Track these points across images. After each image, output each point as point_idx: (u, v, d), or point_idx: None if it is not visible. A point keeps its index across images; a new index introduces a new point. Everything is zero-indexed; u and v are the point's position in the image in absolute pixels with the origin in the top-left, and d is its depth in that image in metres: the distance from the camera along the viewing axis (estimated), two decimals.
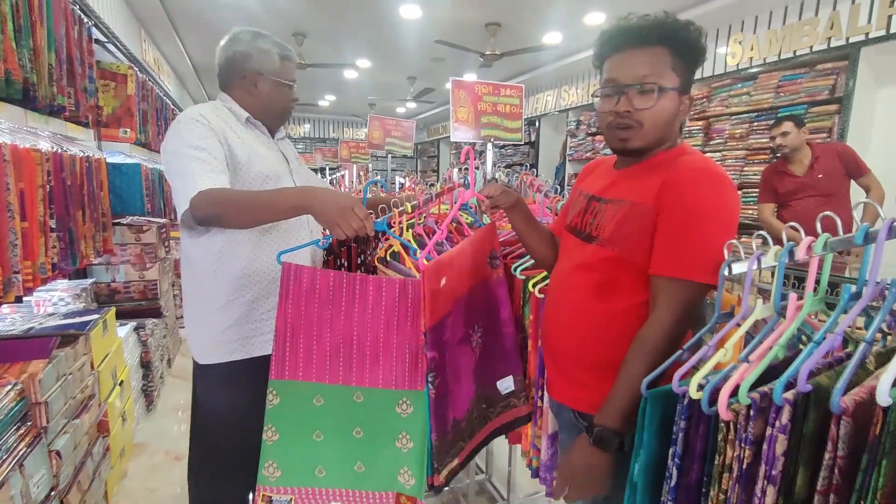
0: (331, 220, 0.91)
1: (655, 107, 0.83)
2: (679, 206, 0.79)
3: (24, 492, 1.13)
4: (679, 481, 0.66)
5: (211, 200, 1.01)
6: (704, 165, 0.83)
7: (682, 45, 0.83)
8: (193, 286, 1.23)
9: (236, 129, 1.21)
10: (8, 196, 1.43)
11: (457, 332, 1.01)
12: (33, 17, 1.66)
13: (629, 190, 0.88)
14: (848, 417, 0.48)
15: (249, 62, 1.24)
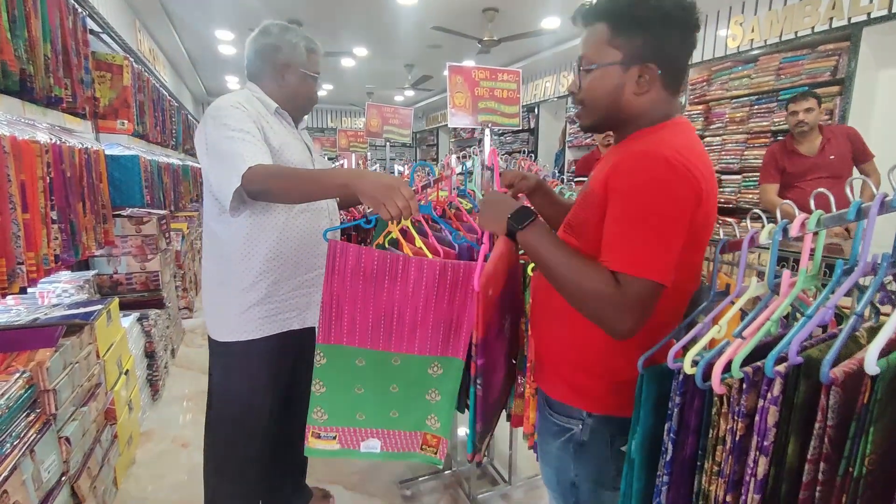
0: (377, 200, 0.91)
1: (585, 84, 0.84)
2: (617, 192, 0.75)
3: (35, 476, 1.15)
4: (674, 455, 0.68)
5: (265, 173, 1.06)
6: (654, 148, 0.74)
7: (618, 16, 0.80)
8: (220, 266, 1.28)
9: (268, 119, 1.27)
10: (9, 188, 1.44)
11: (496, 328, 1.06)
12: (27, 8, 1.65)
13: (595, 174, 0.86)
14: (837, 388, 0.50)
15: (279, 54, 1.29)
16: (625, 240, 0.72)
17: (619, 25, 0.79)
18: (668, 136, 0.80)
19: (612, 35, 0.80)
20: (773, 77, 3.60)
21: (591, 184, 0.84)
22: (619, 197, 0.74)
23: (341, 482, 1.91)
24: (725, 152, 3.99)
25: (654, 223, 0.71)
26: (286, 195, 1.10)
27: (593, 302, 0.73)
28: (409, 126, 3.58)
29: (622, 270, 0.71)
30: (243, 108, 1.19)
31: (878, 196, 0.57)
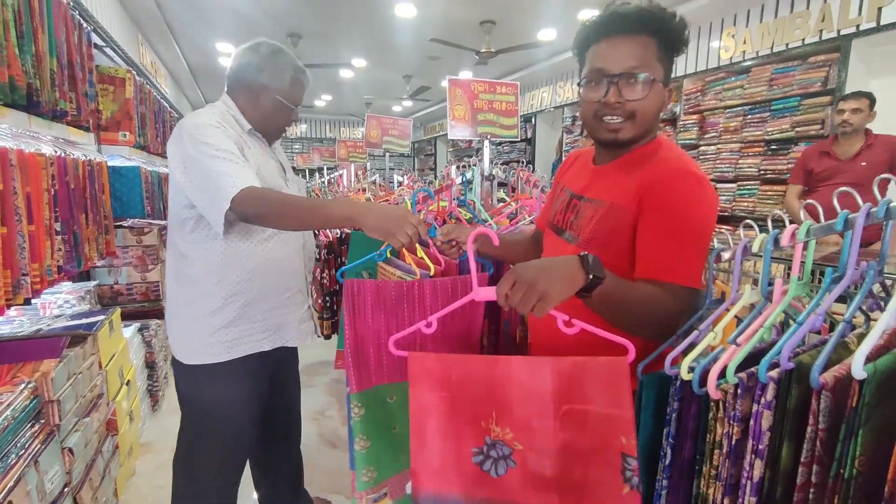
0: (387, 231, 0.91)
1: (647, 98, 0.81)
2: (662, 210, 0.78)
3: (39, 487, 1.16)
4: (673, 460, 0.70)
5: (260, 196, 1.03)
6: (683, 166, 0.81)
7: (668, 35, 0.81)
8: (187, 288, 1.22)
9: (244, 137, 1.23)
10: (15, 200, 1.46)
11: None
12: (35, 24, 1.68)
13: (607, 189, 0.87)
14: (828, 392, 0.52)
15: (260, 75, 1.23)
16: (675, 254, 0.78)
17: (665, 43, 0.81)
18: (680, 153, 0.87)
19: (659, 51, 0.81)
20: (766, 87, 3.66)
21: (611, 200, 0.85)
22: (663, 213, 0.79)
23: (342, 492, 1.91)
24: (720, 161, 4.04)
25: (695, 237, 0.79)
26: (282, 222, 1.06)
27: (658, 324, 0.77)
28: (408, 137, 3.63)
29: (675, 282, 0.77)
30: (224, 128, 1.15)
31: (864, 207, 0.60)
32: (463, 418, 0.76)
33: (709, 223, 0.80)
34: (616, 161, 0.90)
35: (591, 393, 0.70)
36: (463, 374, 0.76)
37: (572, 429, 0.71)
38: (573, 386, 0.71)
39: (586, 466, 0.70)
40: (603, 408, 0.69)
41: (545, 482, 0.72)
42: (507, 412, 0.74)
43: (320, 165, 6.60)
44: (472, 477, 0.75)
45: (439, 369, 0.76)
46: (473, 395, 0.75)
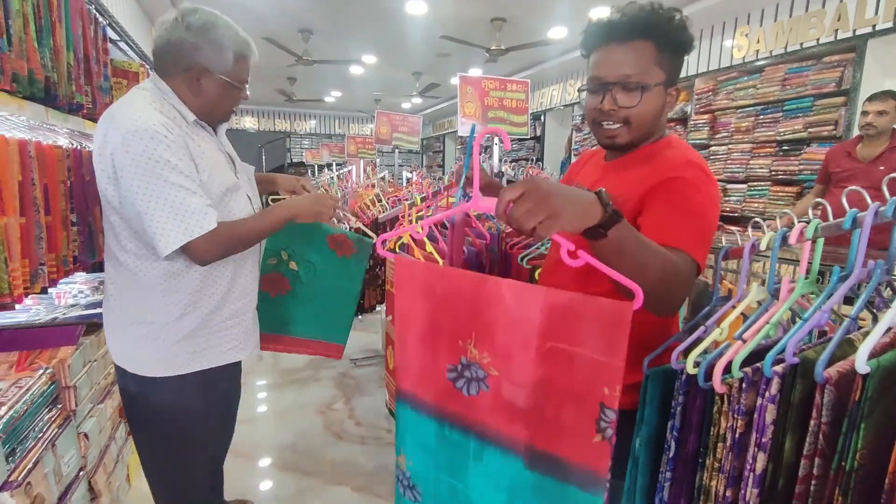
0: (316, 213, 1.12)
1: (640, 105, 0.83)
2: (672, 193, 0.79)
3: (56, 470, 1.19)
4: (677, 453, 0.71)
5: (217, 243, 1.02)
6: (689, 158, 0.83)
7: (667, 38, 0.81)
8: (137, 301, 1.09)
9: (189, 133, 1.08)
10: (34, 191, 1.49)
11: None
12: (53, 18, 1.71)
13: (614, 184, 0.88)
14: (832, 386, 0.53)
15: (196, 54, 1.06)
16: (679, 225, 0.76)
17: (665, 46, 0.81)
18: (690, 151, 0.88)
19: (658, 55, 0.81)
20: (779, 88, 3.62)
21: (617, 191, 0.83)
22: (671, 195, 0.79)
23: (348, 483, 1.94)
24: (731, 161, 4.01)
25: (698, 216, 0.79)
26: (239, 251, 1.12)
27: (674, 283, 0.71)
28: (417, 133, 3.64)
29: (685, 250, 0.73)
30: (170, 136, 0.99)
31: (872, 207, 0.60)
32: (441, 333, 0.76)
33: (711, 210, 0.80)
34: (625, 158, 0.92)
35: (584, 335, 0.63)
36: (448, 289, 0.74)
37: (554, 367, 0.67)
38: (566, 323, 0.65)
39: (560, 407, 0.68)
40: (593, 353, 0.63)
41: (515, 411, 0.71)
42: (487, 336, 0.72)
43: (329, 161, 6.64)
44: (445, 391, 0.77)
45: (424, 279, 0.76)
46: (455, 311, 0.74)
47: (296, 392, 2.75)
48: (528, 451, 0.71)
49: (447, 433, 0.79)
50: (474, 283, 0.72)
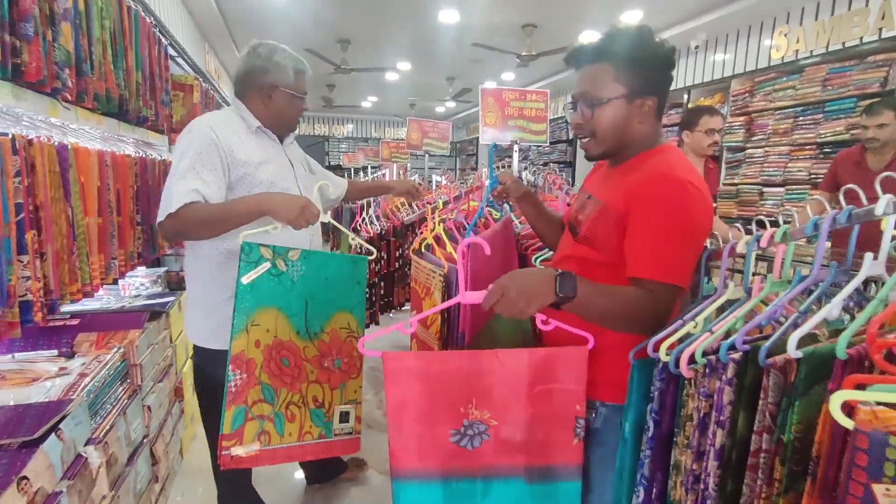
0: (288, 219, 1.12)
1: (597, 116, 0.92)
2: (642, 211, 0.86)
3: (126, 434, 1.39)
4: (655, 432, 0.79)
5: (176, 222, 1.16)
6: (668, 171, 0.88)
7: (622, 56, 0.90)
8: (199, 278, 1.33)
9: (244, 138, 1.32)
10: (109, 195, 1.72)
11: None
12: (126, 42, 1.95)
13: (607, 191, 0.97)
14: (777, 371, 0.61)
15: (266, 76, 1.34)
16: (655, 253, 0.86)
17: (623, 64, 0.90)
18: (672, 160, 0.93)
19: (616, 72, 0.91)
20: (820, 88, 3.52)
21: (605, 201, 0.95)
22: (645, 216, 0.87)
23: (376, 467, 2.08)
24: (767, 164, 3.92)
25: (678, 236, 0.86)
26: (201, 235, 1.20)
27: (638, 321, 0.85)
28: (447, 139, 3.77)
29: (653, 278, 0.85)
30: (213, 134, 1.24)
31: (830, 213, 0.68)
32: (440, 407, 0.89)
33: (691, 223, 0.86)
34: (620, 166, 0.99)
35: (558, 374, 0.90)
36: (443, 370, 0.89)
37: (541, 403, 0.90)
38: (545, 370, 0.89)
39: (548, 430, 0.90)
40: (567, 385, 0.90)
41: (514, 446, 0.90)
42: (486, 398, 0.89)
43: (365, 164, 6.88)
44: (449, 453, 0.90)
45: (418, 367, 0.89)
46: (453, 386, 0.88)
47: None
48: (526, 471, 0.91)
49: (454, 487, 0.91)
50: (469, 358, 0.90)
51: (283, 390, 1.19)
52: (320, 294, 1.25)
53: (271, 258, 1.17)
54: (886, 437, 0.39)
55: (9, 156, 1.12)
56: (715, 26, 4.29)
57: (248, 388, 1.13)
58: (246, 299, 1.13)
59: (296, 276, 1.21)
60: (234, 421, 1.11)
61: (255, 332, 1.15)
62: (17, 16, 1.20)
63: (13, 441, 0.94)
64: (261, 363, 1.15)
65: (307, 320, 1.23)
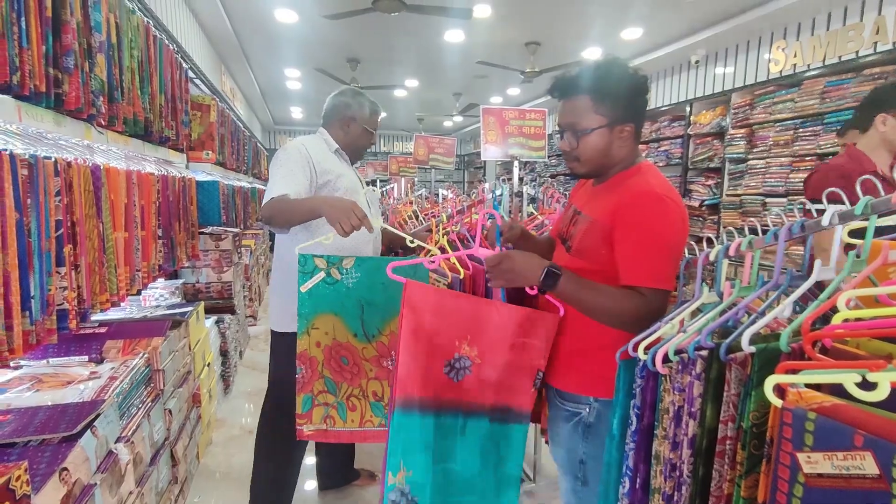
0: (335, 219, 1.19)
1: (582, 145, 1.03)
2: (627, 226, 0.96)
3: (149, 435, 1.48)
4: (637, 426, 0.86)
5: (268, 208, 1.40)
6: (646, 188, 0.99)
7: (600, 90, 1.00)
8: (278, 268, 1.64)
9: (327, 156, 1.64)
10: (134, 211, 1.84)
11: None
12: (151, 69, 2.09)
13: (594, 207, 1.06)
14: (737, 365, 0.68)
15: (349, 110, 1.70)
16: (643, 261, 0.97)
17: (599, 96, 1.00)
18: (650, 178, 1.04)
19: (595, 104, 1.01)
20: (818, 101, 3.59)
21: (594, 217, 1.05)
22: (630, 229, 0.98)
23: None
24: (769, 175, 3.97)
25: (661, 246, 0.96)
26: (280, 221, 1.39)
27: (627, 317, 0.95)
28: (452, 154, 3.89)
29: (644, 285, 0.96)
30: (304, 150, 1.56)
31: (787, 224, 0.75)
32: (442, 337, 1.06)
33: (672, 234, 0.96)
34: (603, 184, 1.09)
35: (534, 332, 1.09)
36: (454, 305, 1.07)
37: (515, 352, 1.09)
38: (527, 326, 1.09)
39: (514, 375, 1.08)
40: (537, 341, 1.10)
41: (487, 384, 1.09)
42: (480, 336, 1.08)
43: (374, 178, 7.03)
44: (442, 383, 1.07)
45: (435, 299, 1.06)
46: (458, 321, 1.07)
47: None
48: (491, 409, 1.10)
49: (443, 421, 1.08)
50: (474, 303, 1.09)
51: (344, 384, 1.33)
52: (377, 298, 1.34)
53: (325, 268, 1.29)
54: (805, 412, 0.47)
55: (51, 177, 1.24)
56: (715, 41, 4.39)
57: (312, 380, 1.30)
58: (305, 305, 1.28)
59: (350, 282, 1.32)
60: (304, 405, 1.30)
61: (316, 335, 1.30)
62: (60, 50, 1.33)
63: (55, 436, 1.04)
64: (322, 360, 1.31)
65: (364, 323, 1.34)
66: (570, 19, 4.17)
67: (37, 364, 1.47)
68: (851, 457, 0.43)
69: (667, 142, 5.17)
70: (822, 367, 0.50)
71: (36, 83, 1.20)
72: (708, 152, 4.66)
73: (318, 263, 1.29)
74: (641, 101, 1.03)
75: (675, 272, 0.98)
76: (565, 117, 1.05)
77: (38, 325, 1.21)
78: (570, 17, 4.11)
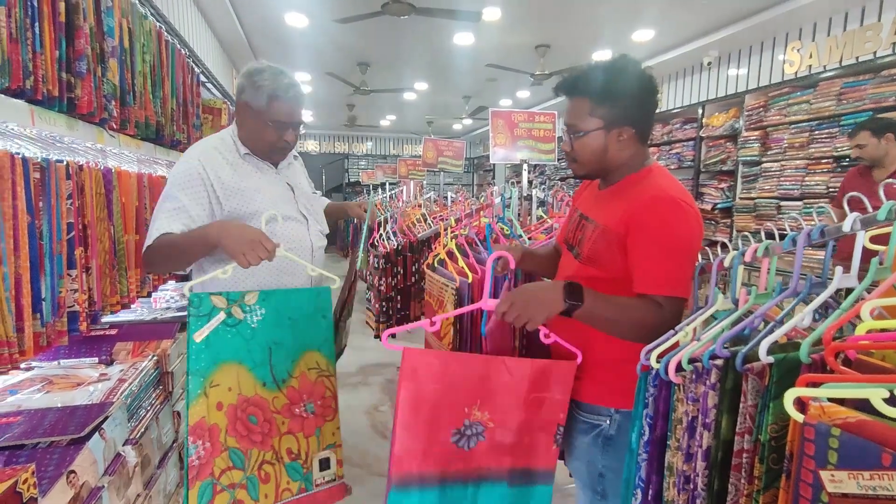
0: (238, 251, 1.00)
1: (576, 147, 1.01)
2: (643, 232, 0.94)
3: (157, 438, 1.48)
4: (650, 436, 0.84)
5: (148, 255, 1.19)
6: (662, 192, 0.95)
7: (596, 92, 0.98)
8: None
9: (235, 164, 1.25)
10: (145, 214, 1.85)
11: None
12: (163, 73, 2.11)
13: (602, 213, 1.03)
14: (754, 375, 0.66)
15: (242, 95, 1.25)
16: (658, 270, 0.94)
17: (597, 99, 0.98)
18: (662, 181, 1.01)
19: (592, 106, 0.99)
20: (834, 102, 3.52)
21: (604, 223, 1.02)
22: (645, 234, 0.95)
23: None
24: (784, 178, 3.90)
25: (676, 252, 0.93)
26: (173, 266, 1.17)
27: (647, 330, 0.90)
28: (461, 158, 3.88)
29: (661, 293, 0.93)
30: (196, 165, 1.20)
31: (805, 230, 0.73)
32: (449, 406, 0.94)
33: (689, 238, 0.93)
34: (611, 188, 1.06)
35: (550, 385, 0.99)
36: (455, 369, 0.94)
37: (533, 408, 0.99)
38: (541, 380, 0.99)
39: (533, 434, 0.99)
40: (555, 395, 1.00)
41: (503, 448, 0.98)
42: (490, 399, 0.96)
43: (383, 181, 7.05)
44: (449, 454, 0.96)
45: (437, 364, 0.93)
46: (462, 386, 0.95)
47: (347, 394, 3.01)
48: (510, 473, 1.00)
49: (448, 493, 0.96)
50: (481, 362, 0.97)
51: (254, 450, 1.07)
52: (285, 337, 1.14)
53: (226, 306, 1.05)
54: (829, 427, 0.44)
55: (63, 181, 1.25)
56: (728, 43, 4.33)
57: (213, 457, 1.02)
58: (201, 359, 1.02)
59: (255, 322, 1.09)
60: (200, 497, 0.99)
61: (216, 394, 1.03)
62: (73, 55, 1.34)
63: (63, 438, 1.04)
64: (225, 427, 1.03)
65: (272, 368, 1.11)
66: (581, 21, 4.15)
67: (48, 365, 1.48)
68: (879, 476, 0.41)
69: (679, 144, 5.11)
70: (846, 381, 0.48)
71: (49, 88, 1.22)
72: (721, 155, 4.60)
73: (217, 302, 1.04)
74: (647, 103, 1.00)
75: (690, 277, 0.95)
76: (566, 116, 1.04)
77: (48, 327, 1.22)
78: (580, 19, 4.08)
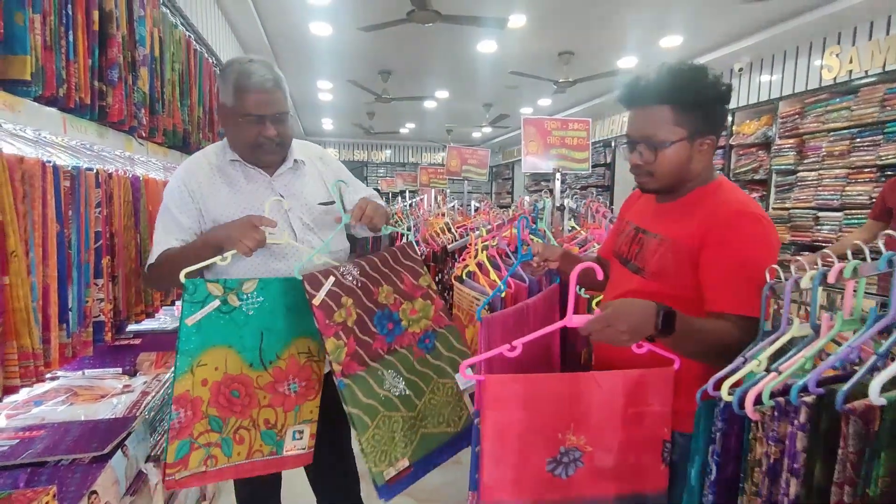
0: (232, 239, 1.02)
1: (659, 160, 0.93)
2: (725, 248, 0.87)
3: None
4: (718, 476, 0.75)
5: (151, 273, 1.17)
6: (742, 207, 0.90)
7: (684, 100, 0.90)
8: None
9: (217, 172, 1.19)
10: None
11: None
12: (191, 82, 2.11)
13: (670, 227, 0.96)
14: (857, 417, 0.57)
15: (219, 95, 1.17)
16: (738, 288, 0.87)
17: (682, 107, 0.91)
18: (739, 195, 0.95)
19: (675, 115, 0.91)
20: (878, 109, 3.36)
21: (673, 237, 0.95)
22: (725, 251, 0.88)
23: (415, 496, 2.06)
24: (822, 188, 3.74)
25: (755, 271, 0.86)
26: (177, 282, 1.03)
27: (725, 353, 0.82)
28: (486, 166, 3.83)
29: (738, 312, 0.87)
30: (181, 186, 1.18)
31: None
32: (539, 433, 0.87)
33: (767, 258, 0.86)
34: (677, 201, 0.99)
35: (649, 396, 0.90)
36: (542, 393, 0.87)
37: (633, 426, 0.89)
38: (637, 392, 0.89)
39: (638, 453, 0.88)
40: (656, 406, 0.90)
41: (606, 473, 0.88)
42: (583, 422, 0.87)
43: (403, 189, 7.04)
44: (544, 483, 0.87)
45: (521, 390, 0.86)
46: (552, 410, 0.87)
47: None
48: (616, 500, 0.90)
49: None
50: (568, 381, 0.89)
51: (232, 418, 1.09)
52: (279, 323, 1.13)
53: (221, 294, 1.05)
54: None
55: (92, 189, 1.23)
56: (759, 48, 4.20)
57: (193, 422, 1.04)
58: (191, 341, 1.02)
59: (251, 309, 1.09)
60: (178, 452, 1.02)
61: (202, 372, 1.04)
62: (105, 64, 1.33)
63: (86, 455, 1.00)
64: (207, 399, 1.05)
65: (262, 352, 1.12)
66: (607, 27, 4.07)
67: (73, 375, 1.46)
68: None
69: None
70: None
71: (81, 96, 1.20)
72: (752, 164, 4.44)
73: (212, 290, 1.03)
74: (724, 112, 0.95)
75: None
76: (639, 128, 0.95)
77: (74, 338, 1.19)
78: (606, 25, 4.01)
